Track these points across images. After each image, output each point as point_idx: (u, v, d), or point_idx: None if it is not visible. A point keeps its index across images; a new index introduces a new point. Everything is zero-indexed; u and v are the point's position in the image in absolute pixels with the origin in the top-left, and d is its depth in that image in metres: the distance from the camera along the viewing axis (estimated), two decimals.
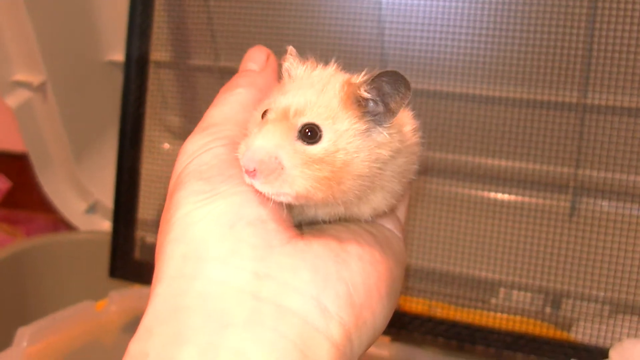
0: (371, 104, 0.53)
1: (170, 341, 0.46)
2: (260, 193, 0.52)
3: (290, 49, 0.58)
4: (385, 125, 0.54)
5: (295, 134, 0.51)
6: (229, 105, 0.61)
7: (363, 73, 0.54)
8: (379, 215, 0.60)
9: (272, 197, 0.52)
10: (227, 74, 1.35)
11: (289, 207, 0.55)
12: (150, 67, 1.37)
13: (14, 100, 1.48)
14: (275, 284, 0.48)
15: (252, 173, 0.51)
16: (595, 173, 1.15)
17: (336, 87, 0.54)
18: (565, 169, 1.18)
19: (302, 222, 0.58)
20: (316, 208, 0.57)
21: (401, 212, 0.66)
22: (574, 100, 1.14)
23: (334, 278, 0.50)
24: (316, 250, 0.52)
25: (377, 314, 0.53)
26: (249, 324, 0.47)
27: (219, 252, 0.49)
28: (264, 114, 0.54)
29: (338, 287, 0.50)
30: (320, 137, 0.51)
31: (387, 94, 0.53)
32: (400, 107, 0.53)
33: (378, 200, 0.58)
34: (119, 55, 1.49)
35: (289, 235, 0.52)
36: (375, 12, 1.20)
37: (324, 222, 0.59)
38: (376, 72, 0.52)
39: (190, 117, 1.44)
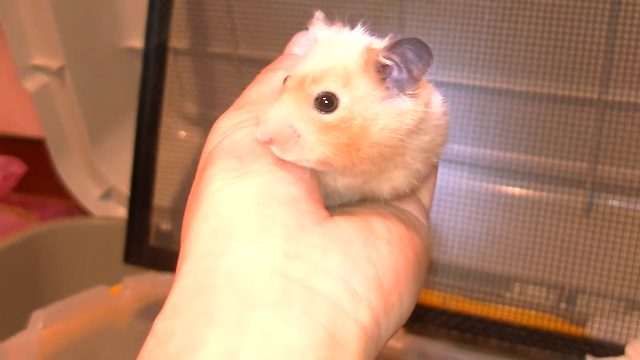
0: (393, 71, 0.53)
1: (197, 320, 0.46)
2: (294, 172, 0.52)
3: (318, 13, 0.58)
4: (408, 93, 0.53)
5: (312, 102, 0.51)
6: (268, 85, 0.60)
7: (386, 39, 0.54)
8: (399, 195, 0.59)
9: (295, 163, 0.52)
10: (245, 62, 1.35)
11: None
12: (169, 54, 1.37)
13: (32, 84, 1.48)
14: (304, 265, 0.48)
15: (269, 143, 0.51)
16: (613, 169, 1.14)
17: (357, 52, 0.53)
18: (584, 165, 1.18)
19: (327, 204, 0.58)
20: (335, 179, 0.56)
21: (426, 199, 0.65)
22: (595, 95, 1.13)
23: (364, 261, 0.50)
24: (346, 232, 0.51)
25: (404, 299, 0.53)
26: (277, 305, 0.46)
27: (249, 230, 0.49)
28: (285, 80, 0.53)
29: (367, 271, 0.50)
30: (336, 104, 0.51)
31: (409, 61, 0.52)
32: (423, 74, 0.53)
33: (399, 178, 0.57)
34: (138, 42, 1.49)
35: (320, 216, 0.51)
36: (397, 2, 1.20)
37: (345, 201, 0.58)
38: (397, 38, 0.52)
39: (208, 105, 1.44)
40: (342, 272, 0.49)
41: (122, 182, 1.58)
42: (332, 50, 0.54)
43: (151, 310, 1.21)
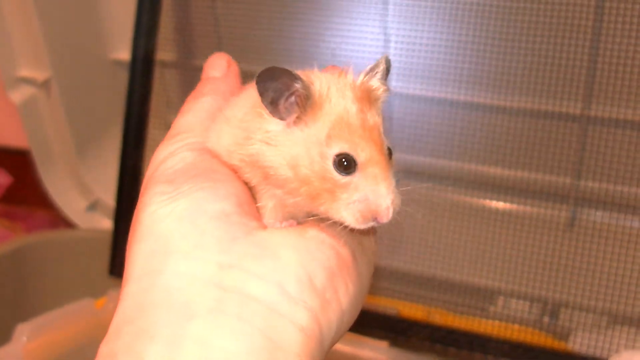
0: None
1: (137, 338, 0.47)
2: (224, 187, 0.54)
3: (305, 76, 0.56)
4: None
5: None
6: (194, 113, 0.63)
7: (367, 72, 0.56)
8: None
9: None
10: None
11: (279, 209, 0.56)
12: (156, 66, 1.37)
13: (18, 95, 1.48)
14: (238, 273, 0.49)
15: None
16: (596, 184, 1.15)
17: (359, 97, 0.55)
18: (567, 180, 1.18)
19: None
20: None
21: None
22: (578, 111, 1.14)
23: (294, 263, 0.51)
24: (277, 239, 0.52)
25: (342, 296, 0.53)
26: (213, 314, 0.47)
27: (183, 246, 0.50)
28: (341, 160, 0.53)
29: (299, 272, 0.51)
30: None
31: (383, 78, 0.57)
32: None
33: None
34: (125, 54, 1.50)
35: (252, 227, 0.53)
36: (382, 17, 1.20)
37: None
38: (382, 66, 0.56)
39: None
40: (274, 276, 0.50)
41: (108, 194, 1.57)
42: (359, 110, 0.55)
43: None
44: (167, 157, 0.58)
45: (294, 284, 0.50)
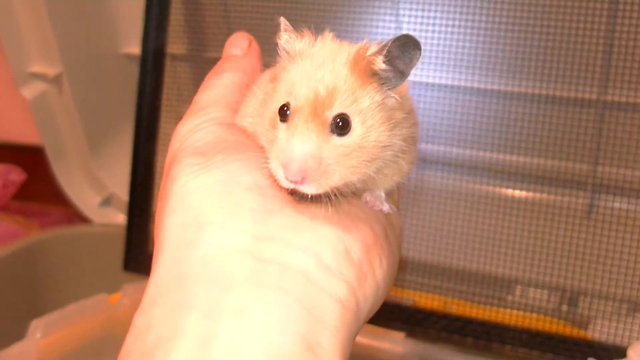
0: (384, 72, 0.53)
1: (173, 309, 0.47)
2: (258, 159, 0.53)
3: (284, 21, 0.57)
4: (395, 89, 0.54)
5: (328, 127, 0.50)
6: (216, 88, 0.63)
7: (371, 43, 0.54)
8: (391, 186, 0.60)
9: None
10: None
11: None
12: (167, 60, 1.37)
13: (29, 92, 1.48)
14: (275, 244, 0.49)
15: (300, 182, 0.50)
16: (614, 170, 1.14)
17: (348, 63, 0.53)
18: (584, 166, 1.17)
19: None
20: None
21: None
22: (594, 96, 1.13)
23: (333, 236, 0.51)
24: (314, 212, 0.52)
25: (377, 270, 0.53)
26: (250, 284, 0.47)
27: (218, 217, 0.50)
28: (282, 108, 0.52)
29: (336, 244, 0.51)
30: (350, 124, 0.51)
31: (396, 57, 0.52)
32: (411, 69, 0.53)
33: (391, 170, 0.58)
34: (136, 48, 1.49)
35: (287, 200, 0.52)
36: (394, 5, 1.19)
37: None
38: (388, 41, 0.51)
39: None
40: (312, 248, 0.50)
41: (121, 189, 1.57)
42: (322, 66, 0.53)
43: None
44: (193, 131, 0.58)
45: (331, 255, 0.50)
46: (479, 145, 1.22)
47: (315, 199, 0.53)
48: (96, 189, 1.61)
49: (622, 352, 1.05)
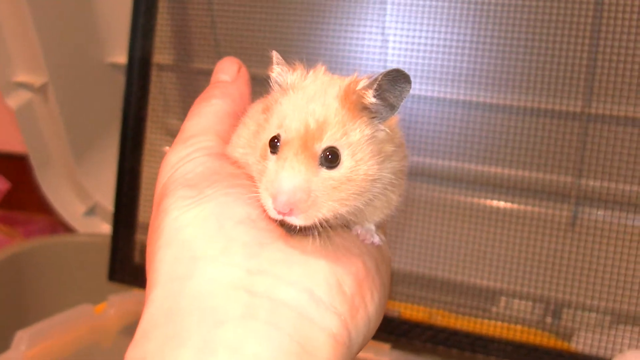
0: (375, 106, 0.53)
1: (166, 344, 0.47)
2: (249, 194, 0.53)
3: (275, 55, 0.57)
4: (384, 122, 0.54)
5: (317, 160, 0.51)
6: (205, 116, 0.62)
7: (362, 77, 0.54)
8: (381, 218, 0.60)
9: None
10: None
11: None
12: (153, 69, 1.37)
13: (15, 101, 1.48)
14: (268, 279, 0.49)
15: (289, 214, 0.50)
16: (597, 183, 1.14)
17: (338, 97, 0.53)
18: (568, 179, 1.18)
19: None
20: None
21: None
22: (578, 109, 1.14)
23: (325, 270, 0.51)
24: (305, 246, 0.52)
25: (369, 304, 0.54)
26: (243, 319, 0.47)
27: (211, 251, 0.50)
28: (272, 140, 0.53)
29: (329, 278, 0.51)
30: (339, 157, 0.51)
31: (386, 91, 0.53)
32: (402, 102, 0.53)
33: (381, 203, 0.58)
34: (122, 58, 1.49)
35: (279, 233, 0.52)
36: (380, 17, 1.20)
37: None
38: (379, 75, 0.52)
39: None
40: (305, 282, 0.50)
41: (106, 199, 1.57)
42: (313, 100, 0.53)
43: (136, 328, 1.20)
44: (183, 161, 0.58)
45: (324, 289, 0.50)
46: (463, 157, 1.22)
47: (305, 231, 0.53)
48: (81, 199, 1.60)
49: None
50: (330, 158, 0.51)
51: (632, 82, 1.09)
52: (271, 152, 0.52)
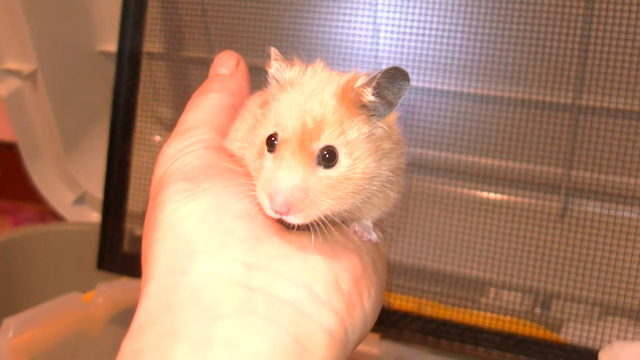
0: (373, 103, 0.53)
1: (163, 338, 0.46)
2: (247, 187, 0.53)
3: (274, 51, 0.57)
4: (382, 119, 0.54)
5: (314, 160, 0.51)
6: (203, 109, 0.62)
7: (360, 75, 0.54)
8: (379, 215, 0.60)
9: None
10: None
11: None
12: (143, 58, 1.36)
13: (4, 88, 1.46)
14: (266, 274, 0.49)
15: (286, 214, 0.50)
16: (587, 174, 1.15)
17: (336, 95, 0.53)
18: (558, 170, 1.18)
19: None
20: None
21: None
22: (569, 101, 1.14)
23: (323, 266, 0.51)
24: (303, 241, 0.52)
25: (365, 301, 0.54)
26: (240, 314, 0.47)
27: (208, 246, 0.50)
28: (270, 138, 0.53)
29: (326, 274, 0.51)
30: (337, 156, 0.51)
31: (385, 88, 0.52)
32: (400, 99, 0.53)
33: (379, 200, 0.58)
34: (112, 46, 1.48)
35: (276, 228, 0.52)
36: (372, 7, 1.19)
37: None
38: (377, 73, 0.52)
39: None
40: (302, 278, 0.50)
41: (96, 187, 1.56)
42: (311, 97, 0.53)
43: (125, 316, 1.20)
44: (180, 153, 0.57)
45: (322, 286, 0.50)
46: (453, 148, 1.22)
47: (302, 228, 0.53)
48: (70, 187, 1.60)
49: (593, 354, 1.06)
50: (328, 157, 0.51)
51: (623, 74, 1.09)
52: (268, 150, 0.52)
